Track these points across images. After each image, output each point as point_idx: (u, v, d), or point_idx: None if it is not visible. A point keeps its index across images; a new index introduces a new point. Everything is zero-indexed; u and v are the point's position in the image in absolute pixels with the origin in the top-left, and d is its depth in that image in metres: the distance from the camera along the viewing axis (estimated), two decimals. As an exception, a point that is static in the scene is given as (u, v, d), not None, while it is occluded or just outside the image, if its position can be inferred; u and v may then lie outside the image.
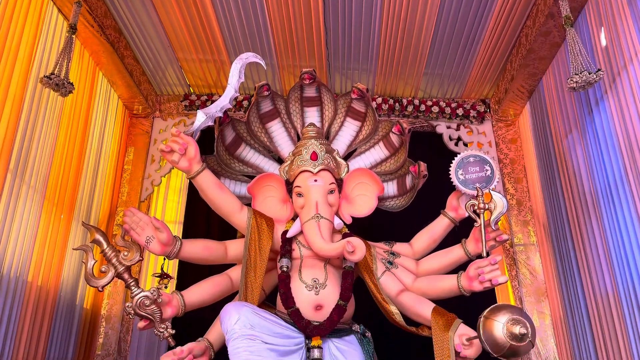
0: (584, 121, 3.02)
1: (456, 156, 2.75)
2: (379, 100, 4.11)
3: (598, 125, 2.87)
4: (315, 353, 2.47)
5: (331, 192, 2.77)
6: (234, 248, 2.74)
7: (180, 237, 2.64)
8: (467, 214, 2.66)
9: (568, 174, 3.17)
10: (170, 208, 4.03)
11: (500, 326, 2.07)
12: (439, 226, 2.87)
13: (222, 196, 2.69)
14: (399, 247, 2.90)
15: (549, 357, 3.40)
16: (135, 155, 4.03)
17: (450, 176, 2.71)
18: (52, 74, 2.62)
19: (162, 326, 2.40)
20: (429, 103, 4.11)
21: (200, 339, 2.55)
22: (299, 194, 2.76)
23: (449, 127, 4.09)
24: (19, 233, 2.69)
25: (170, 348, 2.43)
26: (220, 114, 2.80)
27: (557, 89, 3.33)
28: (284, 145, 3.08)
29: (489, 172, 2.69)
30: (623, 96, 2.63)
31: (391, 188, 3.04)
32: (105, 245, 2.46)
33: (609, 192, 2.75)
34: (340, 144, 3.08)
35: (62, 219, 3.11)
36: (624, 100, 2.61)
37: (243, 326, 2.26)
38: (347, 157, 3.09)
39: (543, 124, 3.57)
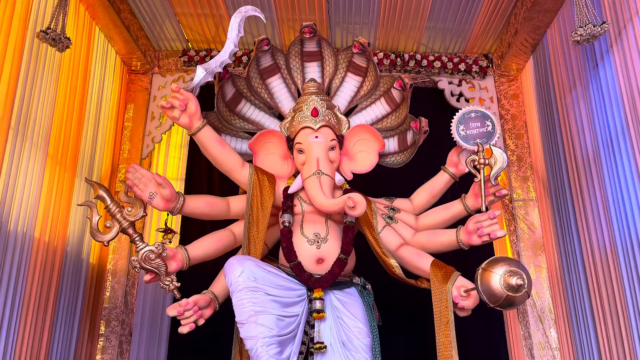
0: (588, 76, 2.99)
1: (457, 112, 2.74)
2: (381, 55, 4.06)
3: (602, 80, 2.84)
4: (317, 304, 2.54)
5: (332, 148, 2.78)
6: (236, 204, 2.77)
7: (183, 194, 2.67)
8: (467, 170, 2.68)
9: (570, 129, 3.17)
10: (171, 165, 4.04)
11: (497, 278, 2.13)
12: (439, 182, 2.89)
13: (223, 152, 2.71)
14: (399, 202, 2.94)
15: (544, 308, 3.50)
16: (135, 112, 4.01)
17: (451, 132, 2.71)
18: (49, 28, 2.58)
19: (168, 279, 2.46)
20: (431, 58, 4.06)
21: (204, 291, 2.62)
22: (300, 151, 2.77)
23: (450, 83, 4.06)
24: (23, 189, 2.72)
25: (175, 300, 2.50)
26: (220, 70, 2.77)
27: (562, 43, 3.28)
28: (285, 102, 3.06)
29: (489, 128, 2.69)
30: (628, 50, 2.59)
31: (392, 144, 3.05)
32: (109, 201, 2.50)
33: (610, 148, 2.75)
34: (341, 99, 3.07)
35: (65, 176, 3.13)
36: (629, 54, 2.58)
37: (247, 279, 2.31)
38: (348, 113, 3.08)
39: (546, 79, 3.53)
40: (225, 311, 2.56)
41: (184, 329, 2.48)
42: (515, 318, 3.58)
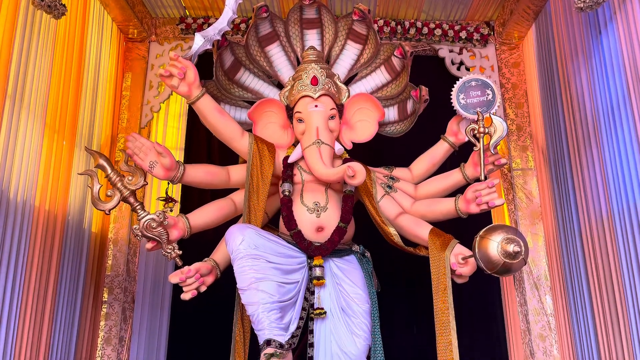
0: (590, 44, 2.96)
1: (458, 80, 2.73)
2: (381, 22, 4.00)
3: (605, 49, 2.81)
4: (317, 271, 2.59)
5: (332, 117, 2.77)
6: (236, 173, 2.78)
7: (183, 163, 2.67)
8: (466, 139, 2.69)
9: (571, 98, 3.15)
10: (170, 134, 4.03)
11: (495, 245, 2.16)
12: (438, 151, 2.90)
13: (223, 121, 2.70)
14: (398, 171, 2.95)
15: (540, 275, 3.55)
16: (133, 81, 3.97)
17: (452, 100, 2.71)
18: (44, -6, 2.53)
19: (169, 247, 2.49)
20: (432, 26, 4.00)
21: (206, 259, 2.65)
22: (300, 120, 2.76)
23: (451, 51, 4.01)
24: (22, 158, 2.72)
25: (177, 268, 2.54)
26: (219, 37, 2.74)
27: (564, 10, 3.23)
28: (284, 70, 3.04)
29: (490, 96, 2.69)
30: (632, 17, 2.56)
31: (392, 113, 3.04)
32: (109, 170, 2.50)
33: (611, 117, 2.75)
34: (341, 68, 3.04)
35: (65, 145, 3.13)
36: (633, 21, 2.55)
37: (248, 246, 2.35)
38: (348, 81, 3.06)
39: (548, 47, 3.50)
40: (226, 278, 2.60)
41: (186, 296, 2.52)
42: (511, 285, 3.64)
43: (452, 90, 2.71)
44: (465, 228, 2.67)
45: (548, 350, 3.42)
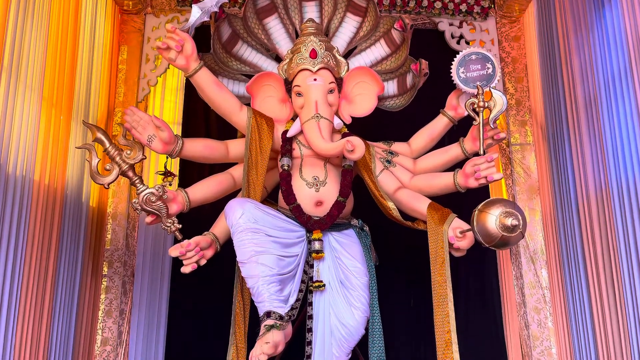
0: (592, 17, 2.93)
1: (458, 54, 2.71)
2: (380, -6, 3.94)
3: (608, 23, 2.79)
4: (316, 245, 2.61)
5: (331, 91, 2.76)
6: (235, 147, 2.78)
7: (181, 137, 2.66)
8: (466, 113, 2.69)
9: (572, 72, 3.13)
10: (168, 109, 4.00)
11: (493, 218, 2.17)
12: (437, 125, 2.90)
13: (221, 95, 2.68)
14: (397, 146, 2.95)
15: (537, 250, 3.59)
16: (129, 55, 3.92)
17: (451, 74, 2.69)
18: (37, -36, 2.48)
19: (169, 221, 2.50)
20: (432, -2, 3.94)
21: (205, 232, 2.67)
22: (298, 94, 2.75)
23: (451, 24, 3.96)
24: (20, 132, 2.70)
25: (177, 241, 2.55)
26: (216, 9, 2.70)
27: (567, -19, 3.18)
28: (282, 43, 3.00)
29: (490, 70, 2.67)
30: (636, -11, 2.53)
31: (391, 87, 3.02)
32: (107, 144, 2.49)
33: (611, 91, 2.74)
34: (340, 41, 3.00)
35: (62, 119, 3.11)
36: (636, -7, 2.52)
37: (247, 220, 2.36)
38: (347, 55, 3.03)
39: (549, 20, 3.46)
40: (226, 251, 2.62)
41: (186, 269, 2.54)
42: (508, 259, 3.68)
43: (452, 64, 2.69)
44: (463, 202, 2.69)
45: (542, 323, 3.48)
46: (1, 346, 2.49)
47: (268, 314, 2.27)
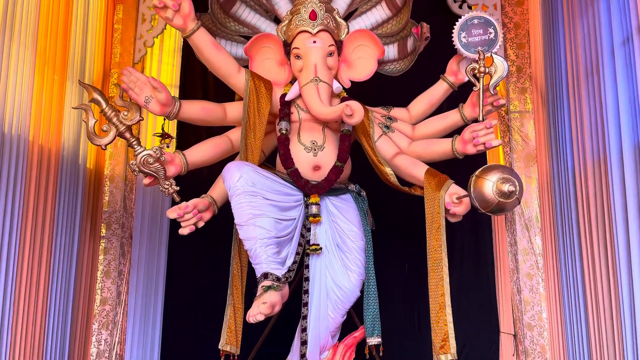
0: (597, -18, 2.87)
1: (460, 18, 2.66)
2: (382, -45, 3.84)
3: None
4: (313, 209, 2.63)
5: (330, 54, 2.72)
6: (232, 110, 2.75)
7: (179, 98, 2.64)
8: (466, 79, 2.66)
9: (575, 39, 3.08)
10: (165, 71, 3.94)
11: (490, 184, 2.19)
12: (437, 91, 2.87)
13: (219, 56, 2.64)
14: (396, 111, 2.93)
15: (532, 217, 3.62)
16: (124, 14, 3.84)
17: (453, 39, 2.65)
18: None
19: (167, 183, 2.51)
20: (434, -40, 3.85)
21: (203, 195, 2.67)
22: (297, 56, 2.71)
23: (454, -12, 3.88)
24: (15, 90, 2.67)
25: (175, 204, 2.56)
26: (214, -33, 2.63)
27: (574, -57, 3.10)
28: (281, 3, 2.94)
29: (492, 35, 2.64)
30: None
31: (392, 51, 2.98)
32: (104, 105, 2.47)
33: (614, 58, 2.70)
34: (341, 2, 2.94)
35: (56, 79, 3.07)
36: (643, -42, 2.46)
37: (245, 183, 2.36)
38: (348, 17, 2.97)
39: (554, -16, 3.39)
40: (224, 214, 2.63)
41: (184, 231, 2.56)
42: (502, 226, 3.72)
43: (453, 28, 2.65)
44: (460, 169, 2.69)
45: (535, 288, 3.55)
46: (0, 304, 2.53)
47: (265, 275, 2.31)
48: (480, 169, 2.28)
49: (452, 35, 2.65)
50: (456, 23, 2.65)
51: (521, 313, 3.52)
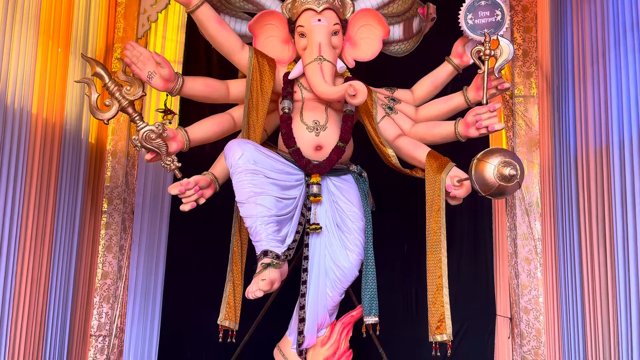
0: (607, -35, 2.82)
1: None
2: None
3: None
4: (314, 189, 2.64)
5: (335, 33, 2.70)
6: (235, 87, 2.74)
7: (182, 74, 2.63)
8: (471, 61, 2.64)
9: (582, 24, 3.05)
10: (169, 47, 3.92)
11: (491, 168, 2.19)
12: (441, 73, 2.85)
13: (223, 33, 2.62)
14: (400, 93, 2.91)
15: (532, 202, 3.63)
16: (128, -13, 3.81)
17: (459, 20, 2.63)
18: None
19: (169, 159, 2.51)
20: (443, -61, 3.78)
21: (205, 172, 2.68)
22: (302, 34, 2.69)
23: (462, -32, 3.82)
24: (17, 64, 2.66)
25: (176, 180, 2.57)
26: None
27: None
28: (287, -20, 2.90)
29: (499, 17, 2.61)
30: None
31: (397, 31, 2.95)
32: (107, 79, 2.46)
33: (621, 45, 2.67)
34: (347, -19, 2.91)
35: (60, 52, 3.05)
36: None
37: (246, 161, 2.37)
38: (353, -4, 2.94)
39: (563, -33, 3.33)
40: (226, 191, 2.64)
41: (185, 207, 2.58)
42: (502, 210, 3.73)
43: (460, 10, 2.62)
44: (462, 152, 2.69)
45: (532, 273, 3.57)
46: (2, 280, 2.55)
47: (265, 253, 2.33)
48: (482, 152, 2.28)
49: (459, 16, 2.62)
50: (463, 4, 2.62)
51: (518, 297, 3.55)
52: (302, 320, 2.67)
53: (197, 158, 2.94)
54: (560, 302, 3.31)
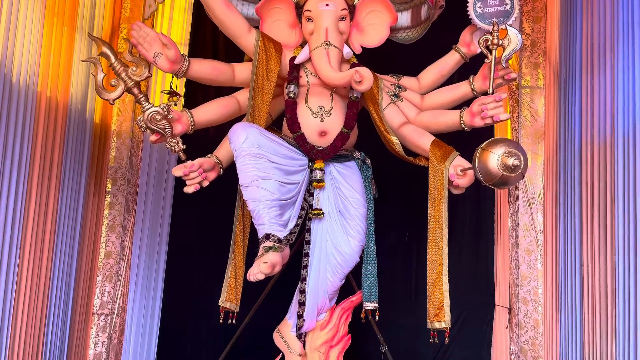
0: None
1: (476, -14, 2.61)
2: None
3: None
4: (317, 174, 2.64)
5: (342, 18, 2.69)
6: (241, 71, 2.74)
7: (188, 56, 2.62)
8: (478, 50, 2.63)
9: (592, 15, 3.02)
10: (175, 29, 3.91)
11: (495, 157, 2.18)
12: (448, 62, 2.84)
13: (230, 15, 2.61)
14: (406, 80, 2.90)
15: (535, 194, 3.63)
16: (135, -33, 3.79)
17: (468, 8, 2.61)
18: None
19: (173, 141, 2.52)
20: None
21: (209, 155, 2.69)
22: (309, 19, 2.68)
23: (472, -44, 3.78)
24: (24, 41, 2.66)
25: (180, 162, 2.58)
26: None
27: None
28: (296, -36, 2.88)
29: (508, 7, 2.59)
30: None
31: (405, 18, 2.93)
32: (113, 59, 2.46)
33: (630, 37, 2.65)
34: (356, -34, 2.88)
35: (65, 30, 3.05)
36: None
37: (251, 145, 2.38)
38: (362, -19, 2.91)
39: (574, -43, 3.29)
40: (229, 173, 2.65)
41: (189, 189, 2.59)
42: (505, 200, 3.73)
43: (469, -2, 2.60)
44: (467, 142, 2.68)
45: (532, 264, 3.58)
46: (5, 257, 2.58)
47: (267, 236, 2.34)
48: (486, 142, 2.27)
49: (467, 4, 2.60)
50: (472, -8, 2.60)
51: (517, 287, 3.57)
52: (302, 304, 2.70)
53: (202, 140, 2.95)
54: (559, 294, 3.33)
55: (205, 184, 2.62)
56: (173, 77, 2.68)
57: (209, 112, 2.70)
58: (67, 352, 3.29)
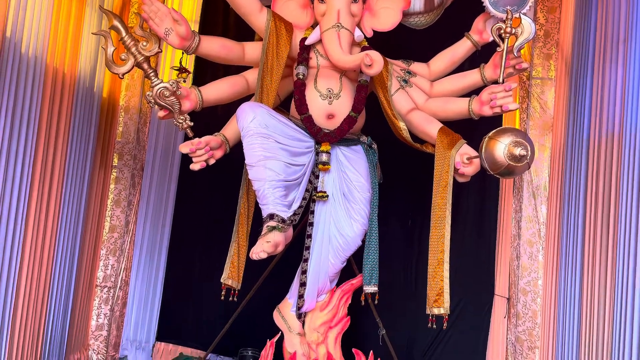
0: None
1: (492, -27, 2.58)
2: None
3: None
4: (323, 157, 2.65)
5: (355, 1, 2.67)
6: (251, 50, 2.73)
7: (199, 33, 2.61)
8: (491, 39, 2.61)
9: (607, 6, 2.98)
10: (186, 6, 3.88)
11: (502, 147, 2.18)
12: (460, 49, 2.82)
13: (241, -7, 2.60)
14: (416, 66, 2.89)
15: (540, 186, 3.62)
16: (148, -59, 3.74)
17: (482, -5, 2.58)
18: None
19: (181, 118, 2.52)
20: None
21: (216, 133, 2.69)
22: (321, 0, 2.66)
23: (488, -58, 3.72)
24: (34, 11, 2.64)
25: (187, 139, 2.59)
26: None
27: None
28: (309, -56, 2.85)
29: (523, -6, 2.56)
30: None
31: (418, 3, 2.90)
32: (124, 33, 2.46)
33: (643, 31, 2.63)
34: (370, -52, 2.85)
35: (76, 2, 3.03)
36: None
37: (258, 125, 2.38)
38: (376, -37, 2.88)
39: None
40: (235, 152, 2.66)
41: (195, 167, 2.60)
42: (510, 191, 3.72)
43: (484, -16, 2.57)
44: (475, 131, 2.68)
45: (534, 255, 3.59)
46: (12, 226, 2.60)
47: (271, 216, 2.36)
48: (493, 131, 2.27)
49: (482, -9, 2.58)
50: (487, -22, 2.57)
51: (517, 278, 3.58)
52: (303, 284, 2.73)
53: (209, 118, 2.95)
54: (558, 287, 3.34)
55: (212, 161, 2.63)
56: (183, 53, 2.67)
57: (217, 90, 2.70)
58: (69, 322, 3.34)
